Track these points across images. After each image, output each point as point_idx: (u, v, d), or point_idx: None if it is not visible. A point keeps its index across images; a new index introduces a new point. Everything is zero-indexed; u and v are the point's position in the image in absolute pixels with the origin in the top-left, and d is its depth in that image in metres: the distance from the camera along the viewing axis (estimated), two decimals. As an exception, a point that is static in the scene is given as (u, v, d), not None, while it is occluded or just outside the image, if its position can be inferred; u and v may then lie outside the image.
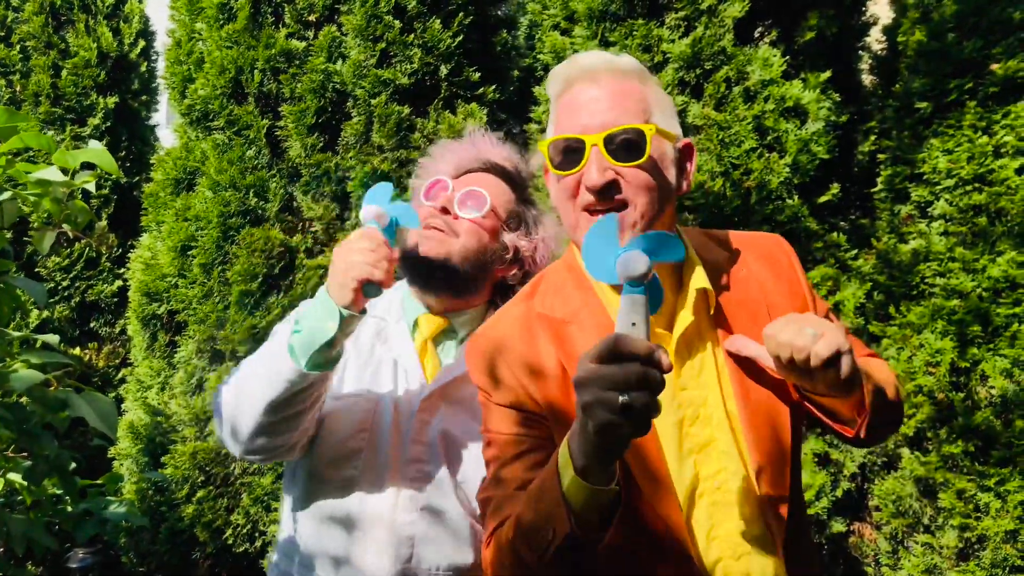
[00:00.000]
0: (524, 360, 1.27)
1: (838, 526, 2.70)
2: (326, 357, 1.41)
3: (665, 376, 0.94)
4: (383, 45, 3.00)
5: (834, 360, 1.08)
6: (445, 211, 1.63)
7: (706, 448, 1.24)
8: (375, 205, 1.44)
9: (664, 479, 1.21)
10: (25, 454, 1.37)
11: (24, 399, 1.22)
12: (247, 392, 1.47)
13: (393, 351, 1.66)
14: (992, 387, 2.37)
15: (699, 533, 1.22)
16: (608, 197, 1.20)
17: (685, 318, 1.25)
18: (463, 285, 1.64)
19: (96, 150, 1.10)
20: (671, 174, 1.27)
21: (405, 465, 1.57)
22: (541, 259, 1.71)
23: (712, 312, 1.28)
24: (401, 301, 1.72)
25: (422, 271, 1.62)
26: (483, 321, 1.58)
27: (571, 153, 1.22)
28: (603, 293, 1.30)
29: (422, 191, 1.68)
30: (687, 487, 1.23)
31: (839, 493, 2.65)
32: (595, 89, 1.24)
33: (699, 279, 1.27)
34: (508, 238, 1.68)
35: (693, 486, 1.23)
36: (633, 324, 0.95)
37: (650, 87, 1.28)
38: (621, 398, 0.90)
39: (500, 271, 1.69)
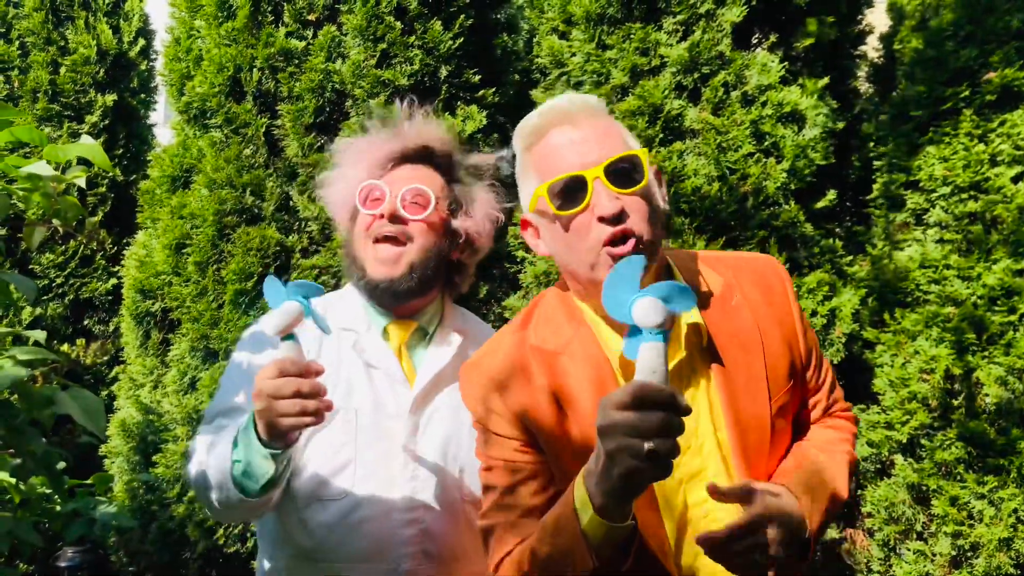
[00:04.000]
0: (518, 392, 1.30)
1: (831, 532, 2.69)
2: (274, 482, 1.42)
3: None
4: (384, 46, 2.99)
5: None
6: (394, 218, 1.60)
7: (696, 477, 1.28)
8: (283, 311, 1.29)
9: (654, 506, 1.24)
10: (12, 451, 1.36)
11: (13, 396, 1.21)
12: (206, 498, 1.49)
13: (372, 360, 1.64)
14: (987, 394, 2.36)
15: (685, 560, 1.26)
16: (623, 223, 1.20)
17: (677, 353, 1.27)
18: (426, 287, 1.65)
19: (87, 145, 1.10)
20: (658, 198, 1.29)
21: (402, 468, 1.58)
22: (486, 232, 1.73)
23: (705, 344, 1.30)
24: (364, 309, 1.69)
25: (389, 295, 1.62)
26: (442, 307, 1.73)
27: (572, 192, 1.22)
28: (595, 325, 1.32)
29: (359, 199, 1.63)
30: (677, 515, 1.26)
31: (832, 500, 2.65)
32: (575, 129, 1.25)
33: (691, 313, 1.28)
34: (455, 224, 1.68)
35: (683, 514, 1.27)
36: (654, 372, 0.97)
37: (615, 121, 1.33)
38: (647, 445, 0.93)
39: (453, 255, 1.71)
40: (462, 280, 1.77)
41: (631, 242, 1.20)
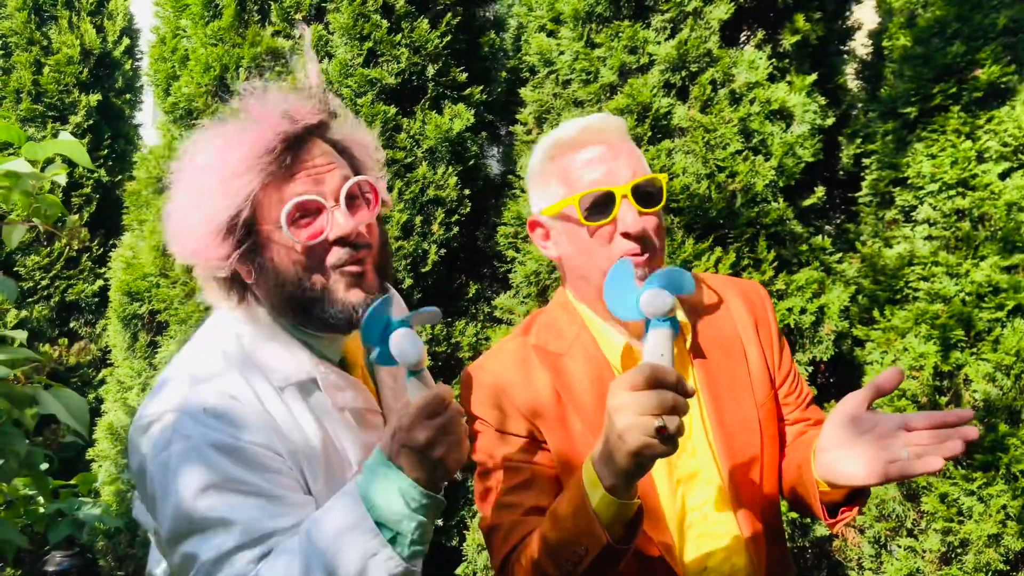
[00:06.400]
0: (523, 390, 1.37)
1: (822, 530, 2.69)
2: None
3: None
4: (370, 44, 2.98)
5: None
6: (358, 239, 1.25)
7: (693, 479, 1.35)
8: (410, 349, 1.11)
9: (655, 508, 1.30)
10: (-6, 453, 1.34)
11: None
12: None
13: (352, 401, 1.34)
14: (975, 391, 2.37)
15: (691, 565, 1.31)
16: (644, 241, 1.31)
17: None
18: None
19: (67, 141, 1.08)
20: (663, 215, 1.41)
21: None
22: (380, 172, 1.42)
23: (688, 345, 1.40)
24: (302, 343, 1.33)
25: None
26: None
27: (600, 205, 1.32)
28: (594, 327, 1.41)
29: (286, 222, 1.21)
30: (677, 517, 1.32)
31: (823, 497, 2.65)
32: (606, 147, 1.36)
33: (678, 314, 1.36)
34: (382, 194, 1.36)
35: (682, 516, 1.33)
36: (662, 355, 1.07)
37: (632, 141, 1.44)
38: (656, 422, 0.99)
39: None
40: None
41: (647, 255, 1.31)
